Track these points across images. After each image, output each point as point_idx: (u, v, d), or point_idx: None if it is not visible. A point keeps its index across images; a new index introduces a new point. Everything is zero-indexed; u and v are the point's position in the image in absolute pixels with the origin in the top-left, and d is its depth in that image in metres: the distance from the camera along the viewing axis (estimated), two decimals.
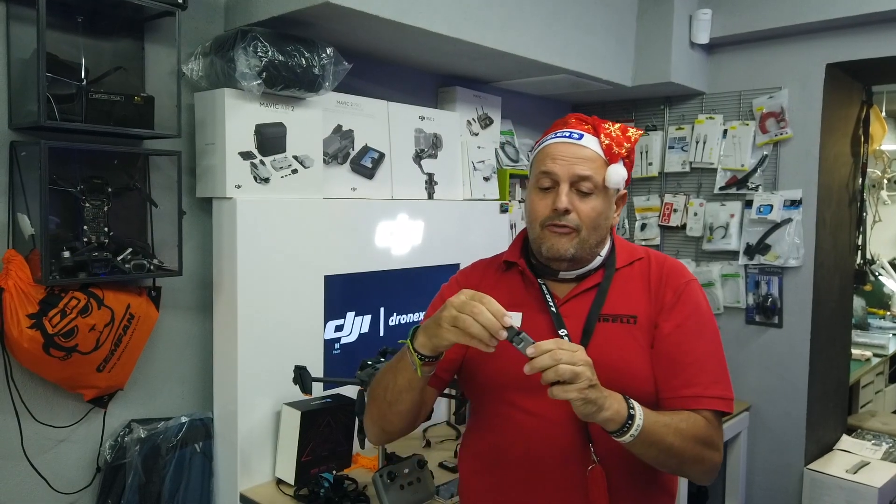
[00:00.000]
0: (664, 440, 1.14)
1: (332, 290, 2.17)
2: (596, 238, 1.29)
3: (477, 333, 1.06)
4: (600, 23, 2.73)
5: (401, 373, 1.21)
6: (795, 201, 2.88)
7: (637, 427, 1.10)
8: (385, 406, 1.25)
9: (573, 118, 1.32)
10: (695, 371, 1.24)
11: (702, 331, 1.28)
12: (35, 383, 1.75)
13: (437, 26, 2.08)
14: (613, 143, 1.28)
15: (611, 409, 1.08)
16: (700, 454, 1.19)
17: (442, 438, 2.42)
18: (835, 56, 2.79)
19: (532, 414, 1.25)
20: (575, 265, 1.30)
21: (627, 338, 1.26)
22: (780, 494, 3.01)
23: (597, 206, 1.27)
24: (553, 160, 1.27)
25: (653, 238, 3.29)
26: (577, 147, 1.27)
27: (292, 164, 2.06)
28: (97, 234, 1.72)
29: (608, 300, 1.29)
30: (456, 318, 1.08)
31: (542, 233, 1.28)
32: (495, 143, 2.94)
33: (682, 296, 1.28)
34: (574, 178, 1.25)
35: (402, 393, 1.22)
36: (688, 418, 1.19)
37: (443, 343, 1.12)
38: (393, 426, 1.29)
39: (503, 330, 1.06)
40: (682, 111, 3.22)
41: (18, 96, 1.67)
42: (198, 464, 2.01)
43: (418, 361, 1.16)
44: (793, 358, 2.93)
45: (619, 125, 1.31)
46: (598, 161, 1.27)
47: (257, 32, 1.86)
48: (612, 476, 1.22)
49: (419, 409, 1.28)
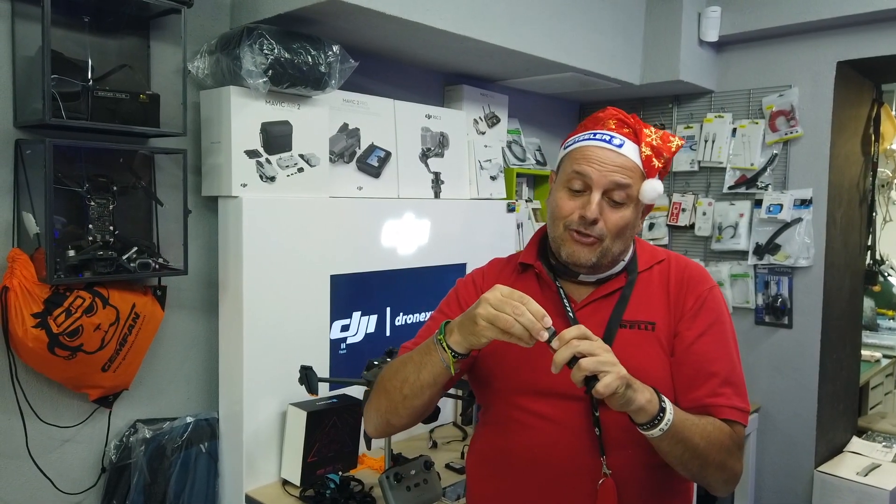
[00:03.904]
0: (692, 439, 1.11)
1: (338, 289, 2.16)
2: (620, 247, 1.24)
3: (518, 333, 1.03)
4: (608, 20, 2.71)
5: (426, 368, 1.16)
6: (805, 201, 2.85)
7: (667, 421, 1.07)
8: (399, 399, 1.20)
9: (613, 119, 1.25)
10: (719, 382, 1.20)
11: (726, 340, 1.25)
12: (40, 383, 1.75)
13: (444, 23, 2.06)
14: (654, 153, 1.22)
15: (643, 399, 1.05)
16: (724, 461, 1.17)
17: (448, 439, 2.41)
18: (845, 54, 2.76)
19: (544, 418, 1.22)
20: (595, 270, 1.26)
21: (646, 345, 1.22)
22: (789, 497, 2.98)
23: (626, 216, 1.22)
24: (589, 163, 1.20)
25: (661, 238, 3.27)
26: (615, 154, 1.20)
27: (298, 162, 2.05)
28: (102, 232, 1.71)
29: (629, 306, 1.25)
30: (496, 317, 1.04)
31: (563, 234, 1.23)
32: (502, 141, 2.92)
33: (707, 303, 1.25)
34: (610, 185, 1.19)
35: (425, 389, 1.17)
36: (714, 423, 1.16)
37: (480, 341, 1.08)
38: (401, 420, 1.24)
39: (544, 331, 1.03)
40: (690, 110, 3.19)
41: (24, 94, 1.66)
42: (203, 464, 2.00)
43: (451, 359, 1.12)
44: (803, 359, 2.90)
45: (661, 133, 1.25)
46: (637, 172, 1.22)
47: (263, 30, 1.85)
48: (625, 490, 1.18)
49: (430, 406, 1.25)
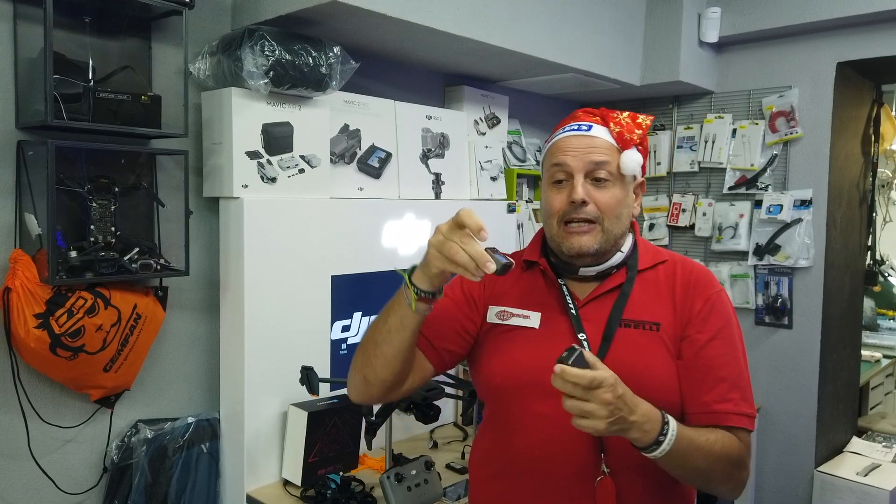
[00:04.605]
0: (692, 463, 1.11)
1: (339, 290, 2.16)
2: (619, 229, 1.25)
3: (462, 261, 1.03)
4: (608, 21, 2.72)
5: (393, 311, 1.16)
6: (805, 201, 2.86)
7: (663, 451, 1.07)
8: (371, 348, 1.19)
9: (580, 112, 1.29)
10: (727, 387, 1.19)
11: (735, 344, 1.24)
12: (42, 383, 1.75)
13: (445, 25, 2.07)
14: (624, 129, 1.25)
15: (638, 430, 1.05)
16: (729, 474, 1.17)
17: (449, 439, 2.41)
18: (845, 55, 2.77)
19: (544, 418, 1.21)
20: (598, 259, 1.26)
21: (650, 345, 1.21)
22: (790, 497, 2.98)
23: (616, 193, 1.23)
24: (564, 153, 1.24)
25: (661, 238, 3.27)
26: (587, 138, 1.24)
27: (299, 163, 2.05)
28: (104, 233, 1.71)
29: (630, 304, 1.24)
30: (443, 243, 1.05)
31: (559, 231, 1.24)
32: (502, 142, 2.93)
33: (716, 306, 1.24)
34: (589, 166, 1.22)
35: (392, 333, 1.16)
36: (723, 439, 1.15)
37: (431, 272, 1.08)
38: (376, 374, 1.20)
39: (491, 262, 1.02)
40: (690, 110, 3.20)
41: (26, 96, 1.67)
42: (204, 464, 2.00)
43: (413, 295, 1.12)
44: (803, 359, 2.91)
45: (627, 113, 1.29)
46: (611, 148, 1.24)
47: (264, 31, 1.85)
48: (625, 489, 1.18)
49: (405, 362, 1.20)
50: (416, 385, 1.28)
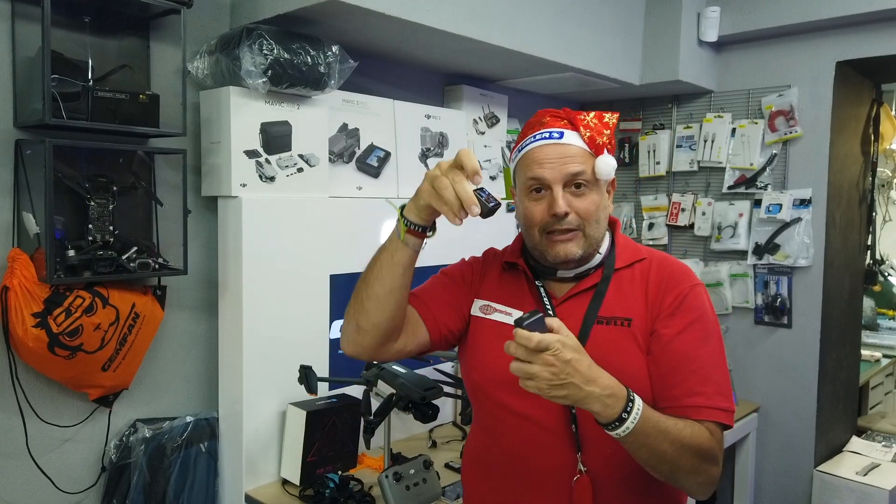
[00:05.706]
0: (658, 446, 1.09)
1: (337, 289, 2.16)
2: (600, 232, 1.27)
3: (448, 197, 1.07)
4: (608, 20, 2.72)
5: (385, 248, 1.20)
6: (805, 200, 2.85)
7: (626, 429, 1.06)
8: (363, 289, 1.20)
9: (547, 115, 1.28)
10: (698, 380, 1.18)
11: (706, 338, 1.23)
12: (40, 382, 1.75)
13: (444, 24, 2.06)
14: (594, 133, 1.25)
15: (598, 403, 1.04)
16: (697, 466, 1.14)
17: (448, 439, 2.41)
18: (845, 54, 2.76)
19: (524, 417, 1.23)
20: (581, 263, 1.27)
21: (622, 341, 1.22)
22: (789, 496, 2.98)
23: (594, 199, 1.24)
24: (540, 165, 1.23)
25: (660, 238, 3.27)
26: (561, 146, 1.23)
27: (298, 162, 2.05)
28: (102, 232, 1.71)
29: (605, 302, 1.26)
30: (436, 178, 1.09)
31: (542, 240, 1.25)
32: (501, 141, 2.93)
33: (686, 301, 1.23)
34: (567, 177, 1.22)
35: (384, 269, 1.18)
36: (692, 427, 1.14)
37: (420, 203, 1.12)
38: (368, 318, 1.20)
39: (475, 206, 1.06)
40: (690, 110, 3.20)
41: (24, 95, 1.67)
42: (203, 464, 2.00)
43: (403, 227, 1.15)
44: (802, 358, 2.90)
45: (593, 114, 1.28)
46: (585, 155, 1.24)
47: (263, 30, 1.85)
48: (602, 488, 1.18)
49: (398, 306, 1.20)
50: (410, 348, 1.29)
